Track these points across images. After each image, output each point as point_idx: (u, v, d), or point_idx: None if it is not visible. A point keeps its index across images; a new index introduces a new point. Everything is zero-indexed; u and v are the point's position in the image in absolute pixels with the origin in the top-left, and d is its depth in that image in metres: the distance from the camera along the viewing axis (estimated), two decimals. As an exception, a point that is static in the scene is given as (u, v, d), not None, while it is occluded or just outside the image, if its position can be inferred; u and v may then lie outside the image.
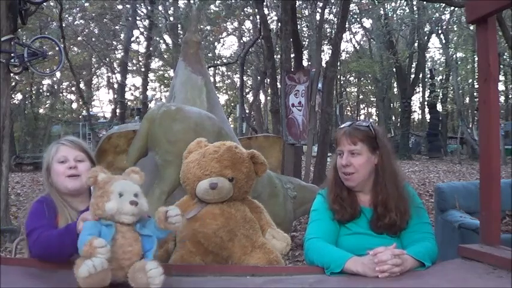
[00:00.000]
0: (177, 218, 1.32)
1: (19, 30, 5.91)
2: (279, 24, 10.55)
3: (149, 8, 14.68)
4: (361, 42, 25.31)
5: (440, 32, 19.40)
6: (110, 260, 1.20)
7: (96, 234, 1.23)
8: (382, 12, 17.07)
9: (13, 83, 13.27)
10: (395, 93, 25.28)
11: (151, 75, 21.85)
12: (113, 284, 1.23)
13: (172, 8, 15.00)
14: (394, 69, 21.00)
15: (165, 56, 19.46)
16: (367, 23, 21.32)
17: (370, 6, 14.95)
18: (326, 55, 15.34)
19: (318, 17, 10.82)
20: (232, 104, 23.57)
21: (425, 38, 21.58)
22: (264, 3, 10.87)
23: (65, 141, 1.79)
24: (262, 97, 19.75)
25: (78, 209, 1.74)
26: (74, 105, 27.17)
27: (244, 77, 16.29)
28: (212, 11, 14.22)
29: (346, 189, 1.78)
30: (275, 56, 9.80)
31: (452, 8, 13.54)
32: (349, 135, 1.75)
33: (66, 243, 1.42)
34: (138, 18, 16.53)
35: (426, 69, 24.68)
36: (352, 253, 1.57)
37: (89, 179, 1.38)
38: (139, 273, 1.21)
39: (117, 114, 19.99)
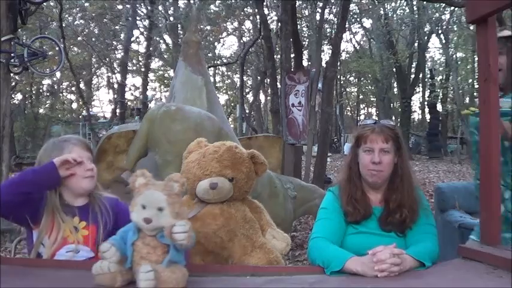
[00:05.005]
0: (181, 235, 1.27)
1: (19, 30, 5.90)
2: (279, 24, 10.53)
3: (149, 8, 14.66)
4: (361, 42, 25.31)
5: (440, 32, 19.38)
6: (133, 263, 1.31)
7: (119, 240, 1.33)
8: (382, 12, 17.08)
9: (13, 83, 13.25)
10: (395, 93, 25.23)
11: (151, 75, 21.83)
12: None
13: (172, 8, 14.99)
14: (394, 69, 20.98)
15: (165, 56, 19.44)
16: (367, 23, 21.35)
17: (370, 6, 14.96)
18: (326, 55, 15.38)
19: (318, 17, 10.82)
20: (232, 104, 23.53)
21: (425, 38, 21.55)
22: (264, 3, 10.87)
23: (77, 142, 1.79)
24: (262, 97, 19.79)
25: (74, 204, 1.75)
26: (74, 105, 27.20)
27: (244, 77, 16.29)
28: (212, 11, 14.22)
29: (361, 188, 1.79)
30: (275, 56, 9.80)
31: (452, 8, 13.54)
32: (381, 133, 1.76)
33: (41, 174, 1.62)
34: (138, 18, 16.50)
35: (426, 69, 24.64)
36: (357, 252, 1.57)
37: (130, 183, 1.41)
38: (136, 275, 1.27)
39: (117, 114, 19.95)
